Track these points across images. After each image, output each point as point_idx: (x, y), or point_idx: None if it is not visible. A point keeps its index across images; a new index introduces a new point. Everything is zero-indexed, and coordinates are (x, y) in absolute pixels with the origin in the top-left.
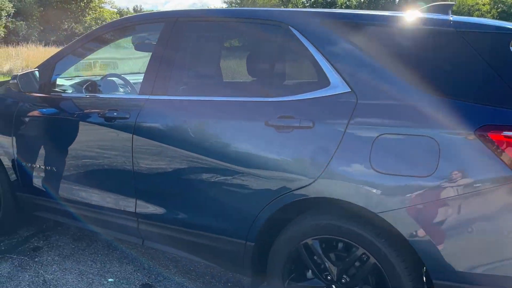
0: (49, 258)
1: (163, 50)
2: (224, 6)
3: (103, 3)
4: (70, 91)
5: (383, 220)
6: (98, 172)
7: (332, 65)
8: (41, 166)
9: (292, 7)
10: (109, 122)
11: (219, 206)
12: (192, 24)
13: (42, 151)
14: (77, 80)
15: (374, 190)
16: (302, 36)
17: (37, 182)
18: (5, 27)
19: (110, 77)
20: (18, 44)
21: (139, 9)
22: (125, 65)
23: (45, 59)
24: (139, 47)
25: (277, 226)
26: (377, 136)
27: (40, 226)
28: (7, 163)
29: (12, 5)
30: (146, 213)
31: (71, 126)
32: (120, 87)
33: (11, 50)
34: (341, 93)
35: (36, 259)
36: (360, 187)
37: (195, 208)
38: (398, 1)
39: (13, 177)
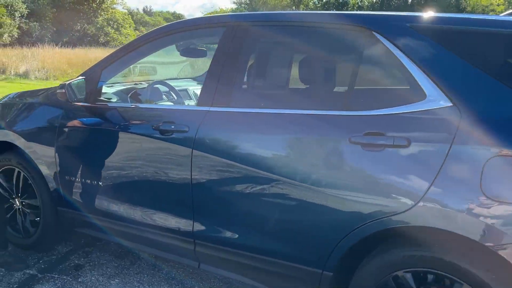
0: (93, 278)
1: (225, 57)
2: (233, 6)
3: (115, 4)
4: (115, 100)
5: (496, 254)
6: (150, 188)
7: (427, 75)
8: (86, 180)
9: (303, 8)
10: (164, 135)
11: (293, 231)
12: (261, 28)
13: (87, 165)
14: (119, 87)
15: (486, 220)
16: (390, 42)
17: (81, 196)
18: (19, 28)
19: (156, 84)
20: (32, 45)
21: (148, 9)
22: (163, 70)
23: (91, 66)
24: (185, 52)
25: (359, 255)
26: (490, 157)
27: (78, 241)
28: (48, 175)
29: (25, 6)
30: (205, 234)
31: (120, 139)
32: (166, 94)
33: (26, 51)
34: (441, 107)
35: (79, 279)
36: (468, 216)
37: (265, 232)
38: (411, 2)
39: (54, 190)
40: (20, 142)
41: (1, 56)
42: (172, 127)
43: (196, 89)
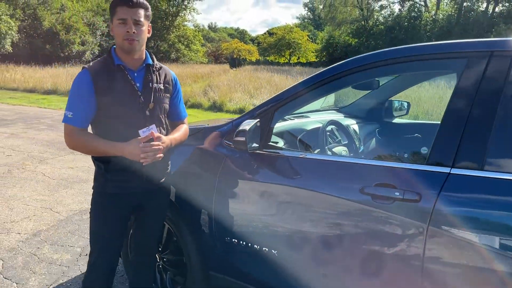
0: None
1: (480, 97)
2: (295, 21)
3: (186, 21)
4: (281, 144)
5: None
6: (348, 264)
7: None
8: (254, 246)
9: (373, 22)
10: (377, 201)
11: None
12: None
13: (255, 227)
14: (282, 125)
15: None
16: None
17: (245, 264)
18: (99, 45)
19: (330, 125)
20: None
21: (213, 26)
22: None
23: (260, 105)
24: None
25: None
26: None
27: None
28: (202, 232)
29: (106, 24)
30: None
31: (302, 199)
32: (338, 137)
33: None
34: None
35: None
36: None
37: None
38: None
39: (208, 251)
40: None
41: None
42: (397, 194)
43: (352, 125)
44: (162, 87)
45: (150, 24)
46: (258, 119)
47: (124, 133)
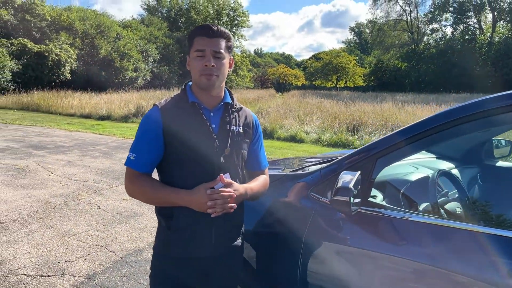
0: None
1: None
2: (341, 46)
3: (235, 47)
4: (380, 199)
5: None
6: None
7: None
8: None
9: (424, 46)
10: None
11: None
12: None
13: None
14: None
15: None
16: None
17: None
18: (151, 72)
19: (440, 176)
20: (161, 87)
21: (259, 51)
22: None
23: (357, 152)
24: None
25: None
26: None
27: None
28: None
29: (157, 52)
30: None
31: (416, 273)
32: (444, 189)
33: (158, 93)
34: None
35: None
36: None
37: None
38: None
39: None
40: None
41: (139, 99)
42: None
43: (451, 169)
44: (241, 131)
45: (232, 57)
46: (359, 172)
47: (193, 182)
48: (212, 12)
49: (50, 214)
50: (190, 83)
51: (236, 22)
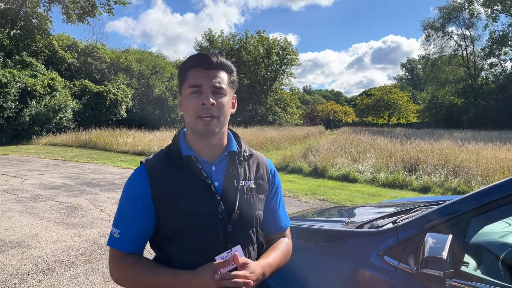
0: None
1: None
2: (392, 82)
3: (283, 85)
4: (474, 267)
5: None
6: None
7: None
8: None
9: (483, 81)
10: None
11: None
12: None
13: None
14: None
15: None
16: None
17: None
18: None
19: None
20: None
21: (308, 88)
22: None
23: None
24: None
25: None
26: None
27: None
28: None
29: None
30: None
31: None
32: None
33: None
34: None
35: None
36: None
37: None
38: None
39: None
40: None
41: None
42: None
43: None
44: (253, 185)
45: (235, 95)
46: (451, 235)
47: (193, 260)
48: (262, 51)
49: (97, 256)
50: (184, 129)
51: (285, 60)
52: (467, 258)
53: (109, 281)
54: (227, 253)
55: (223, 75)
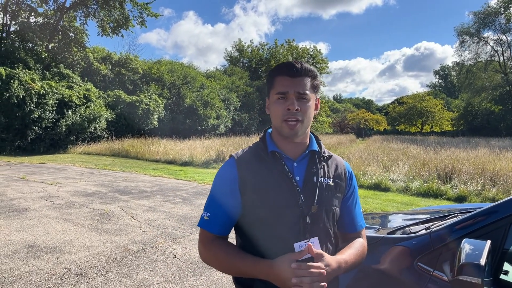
0: None
1: None
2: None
3: None
4: None
5: None
6: None
7: None
8: None
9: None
10: None
11: None
12: None
13: None
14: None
15: None
16: None
17: None
18: (232, 119)
19: None
20: (242, 134)
21: (338, 97)
22: None
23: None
24: None
25: None
26: None
27: None
28: None
29: (239, 100)
30: None
31: None
32: None
33: (238, 139)
34: None
35: None
36: None
37: None
38: None
39: None
40: None
41: (220, 146)
42: None
43: None
44: (332, 183)
45: (318, 98)
46: (489, 241)
47: (273, 247)
48: (291, 60)
49: (128, 261)
50: (270, 129)
51: None
52: (506, 266)
53: (140, 287)
54: (305, 242)
55: (307, 82)
